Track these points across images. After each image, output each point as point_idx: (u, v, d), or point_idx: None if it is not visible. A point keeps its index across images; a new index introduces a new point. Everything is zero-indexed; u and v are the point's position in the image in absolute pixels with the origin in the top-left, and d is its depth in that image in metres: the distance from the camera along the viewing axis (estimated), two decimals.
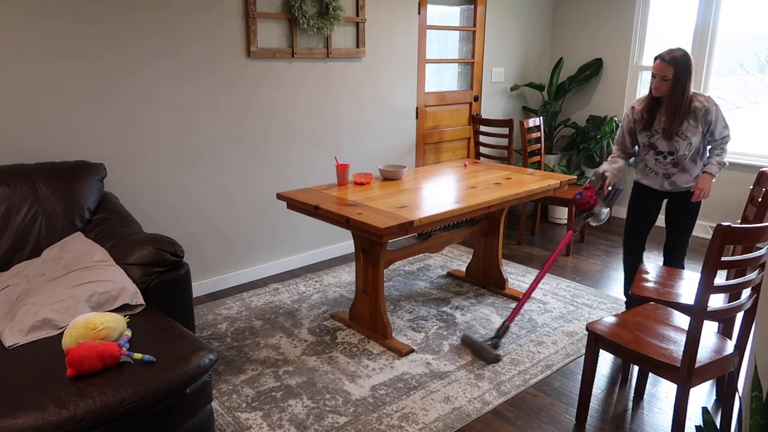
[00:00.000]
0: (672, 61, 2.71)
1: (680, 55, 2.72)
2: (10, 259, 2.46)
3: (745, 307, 2.09)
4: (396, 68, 4.27)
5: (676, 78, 2.72)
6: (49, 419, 1.58)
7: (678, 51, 2.74)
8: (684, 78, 2.72)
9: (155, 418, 1.78)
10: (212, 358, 1.92)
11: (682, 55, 2.72)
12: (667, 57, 2.72)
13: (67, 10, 2.80)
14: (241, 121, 3.54)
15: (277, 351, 2.92)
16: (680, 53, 2.73)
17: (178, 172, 3.36)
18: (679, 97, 2.75)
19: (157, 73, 3.16)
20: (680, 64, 2.71)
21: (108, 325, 1.88)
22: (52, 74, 2.82)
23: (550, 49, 5.54)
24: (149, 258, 2.29)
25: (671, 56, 2.72)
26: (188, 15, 3.20)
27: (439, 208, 2.71)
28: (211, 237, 3.57)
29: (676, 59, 2.71)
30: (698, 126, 2.80)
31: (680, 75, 2.72)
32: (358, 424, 2.36)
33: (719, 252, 1.85)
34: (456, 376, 2.71)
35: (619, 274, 3.98)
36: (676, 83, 2.73)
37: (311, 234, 4.10)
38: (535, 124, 4.61)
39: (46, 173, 2.62)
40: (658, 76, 2.75)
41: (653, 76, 2.78)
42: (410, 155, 4.57)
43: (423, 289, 3.69)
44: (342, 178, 3.16)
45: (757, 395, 1.48)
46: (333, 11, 3.67)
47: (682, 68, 2.71)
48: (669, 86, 2.75)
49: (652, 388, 2.63)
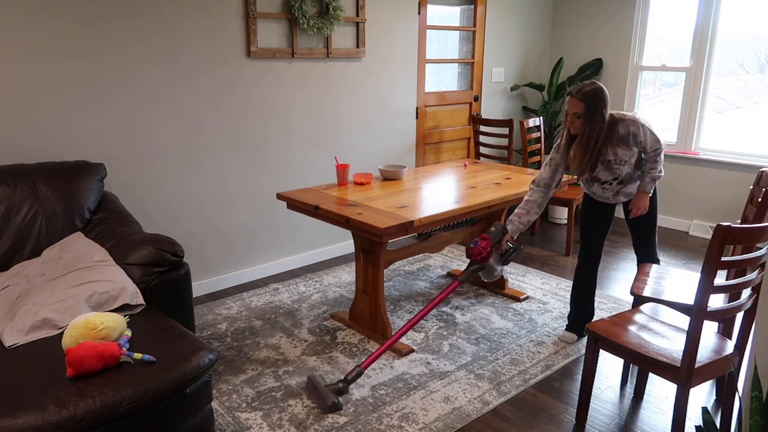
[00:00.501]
0: (583, 97, 2.60)
1: (591, 89, 2.59)
2: (10, 259, 2.46)
3: (745, 307, 2.09)
4: (396, 68, 4.27)
5: (586, 113, 2.60)
6: (49, 419, 1.58)
7: (589, 86, 2.62)
8: (593, 113, 2.59)
9: (155, 418, 1.78)
10: (212, 358, 1.92)
11: (593, 89, 2.59)
12: (577, 94, 2.61)
13: (68, 11, 2.80)
14: (241, 121, 3.55)
15: (277, 351, 2.92)
16: (591, 88, 2.61)
17: (178, 172, 3.36)
18: (591, 133, 2.61)
19: (157, 73, 3.16)
20: (590, 98, 2.58)
21: (108, 325, 1.88)
22: (52, 75, 2.82)
23: (550, 49, 5.54)
24: (149, 258, 2.29)
25: (581, 92, 2.61)
26: (188, 15, 3.20)
27: (439, 208, 2.71)
28: (211, 237, 3.57)
29: (586, 94, 2.59)
30: (632, 148, 2.71)
31: (590, 110, 2.59)
32: (358, 424, 2.36)
33: (719, 252, 1.85)
34: (456, 376, 2.71)
35: (618, 274, 3.98)
36: (586, 119, 2.61)
37: (311, 234, 4.10)
38: (535, 124, 4.61)
39: (46, 173, 2.62)
40: (570, 113, 2.65)
41: (566, 114, 2.68)
42: (410, 155, 4.57)
43: (423, 289, 3.69)
44: (342, 178, 3.16)
45: (757, 395, 1.48)
46: (333, 11, 3.67)
47: (592, 103, 2.59)
48: (581, 123, 2.64)
49: (652, 388, 2.63)
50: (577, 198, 4.31)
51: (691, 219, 4.89)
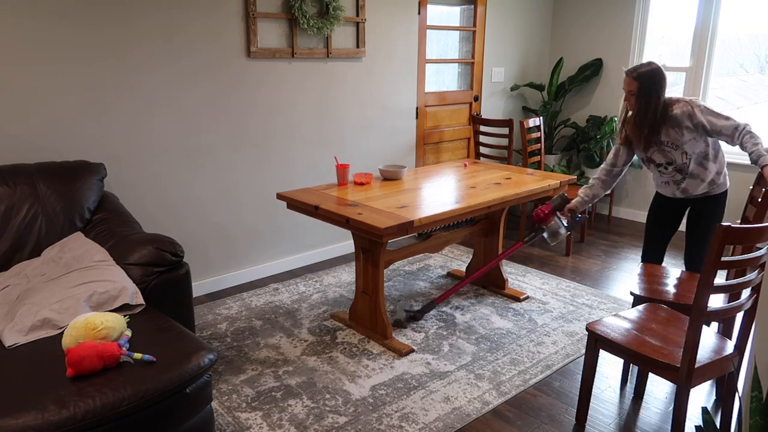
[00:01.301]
0: (637, 76, 2.71)
1: (646, 70, 2.71)
2: (10, 259, 2.46)
3: (745, 307, 2.09)
4: (396, 68, 4.27)
5: (640, 92, 2.71)
6: (49, 419, 1.58)
7: (644, 66, 2.73)
8: (647, 92, 2.70)
9: (155, 418, 1.78)
10: (212, 358, 1.92)
11: (648, 70, 2.71)
12: (631, 73, 2.73)
13: (69, 14, 2.80)
14: (241, 121, 3.55)
15: (277, 351, 2.92)
16: (646, 68, 2.71)
17: (179, 172, 3.36)
18: (643, 111, 2.73)
19: (158, 74, 3.16)
20: (644, 78, 2.69)
21: (108, 324, 1.88)
22: (53, 76, 2.82)
23: (550, 49, 5.54)
24: (149, 258, 2.29)
25: (636, 72, 2.72)
26: (188, 16, 3.20)
27: (439, 208, 2.71)
28: (211, 237, 3.57)
29: (640, 74, 2.70)
30: (686, 133, 2.72)
31: (644, 89, 2.70)
32: (358, 424, 2.36)
33: (719, 252, 1.85)
34: (456, 376, 2.71)
35: (618, 274, 3.98)
36: (639, 97, 2.72)
37: (311, 234, 4.10)
38: (535, 124, 4.61)
39: (46, 173, 2.62)
40: (625, 90, 2.77)
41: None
42: (410, 155, 4.57)
43: (423, 289, 3.69)
44: (342, 178, 3.16)
45: (757, 395, 1.48)
46: (333, 11, 3.67)
47: (645, 82, 2.69)
48: (635, 100, 2.74)
49: (652, 388, 2.63)
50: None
51: None
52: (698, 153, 2.77)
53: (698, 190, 2.84)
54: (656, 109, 2.72)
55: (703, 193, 2.86)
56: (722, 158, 2.82)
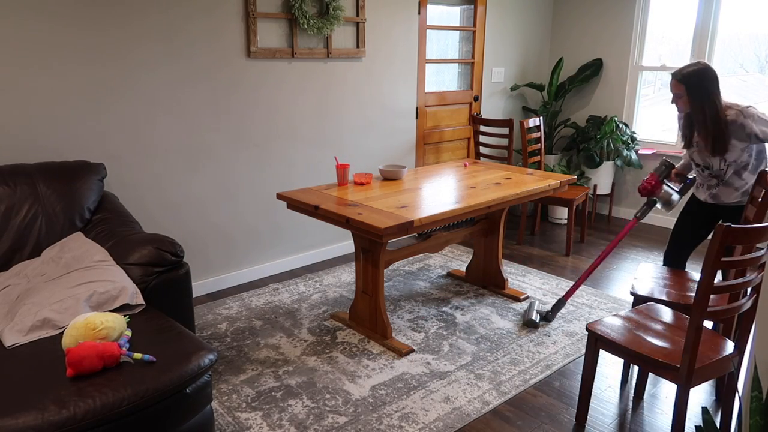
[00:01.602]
0: (681, 78, 2.65)
1: (691, 71, 2.63)
2: (10, 259, 2.46)
3: (745, 307, 2.09)
4: (396, 68, 4.27)
5: (689, 95, 2.64)
6: (49, 419, 1.58)
7: (689, 67, 2.65)
8: (697, 94, 2.62)
9: (155, 418, 1.78)
10: (212, 358, 1.92)
11: (694, 70, 2.62)
12: (677, 75, 2.66)
13: (69, 15, 2.80)
14: (241, 121, 3.55)
15: (277, 351, 2.92)
16: (690, 69, 2.63)
17: (179, 172, 3.36)
18: (700, 113, 2.65)
19: (158, 74, 3.16)
20: (690, 79, 2.62)
21: (108, 325, 1.88)
22: (53, 76, 2.82)
23: (550, 49, 5.54)
24: (149, 258, 2.29)
25: (681, 73, 2.65)
26: (188, 16, 3.20)
27: (439, 208, 2.71)
28: (211, 237, 3.57)
29: (685, 75, 2.64)
30: (734, 140, 2.64)
31: (692, 91, 2.62)
32: (358, 424, 2.36)
33: (719, 252, 1.85)
34: (456, 376, 2.71)
35: (618, 274, 3.98)
36: (691, 99, 2.65)
37: (311, 234, 4.10)
38: (535, 124, 4.61)
39: (46, 173, 2.62)
40: (673, 93, 2.71)
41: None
42: (410, 155, 4.57)
43: (423, 289, 3.69)
44: (342, 178, 3.16)
45: (757, 395, 1.48)
46: (333, 11, 3.67)
47: (693, 84, 2.61)
48: (686, 102, 2.67)
49: (652, 388, 2.63)
50: (577, 198, 4.31)
51: None
52: (739, 162, 2.69)
53: (730, 198, 2.78)
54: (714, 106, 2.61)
55: (736, 203, 2.78)
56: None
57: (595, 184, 5.12)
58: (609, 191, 5.21)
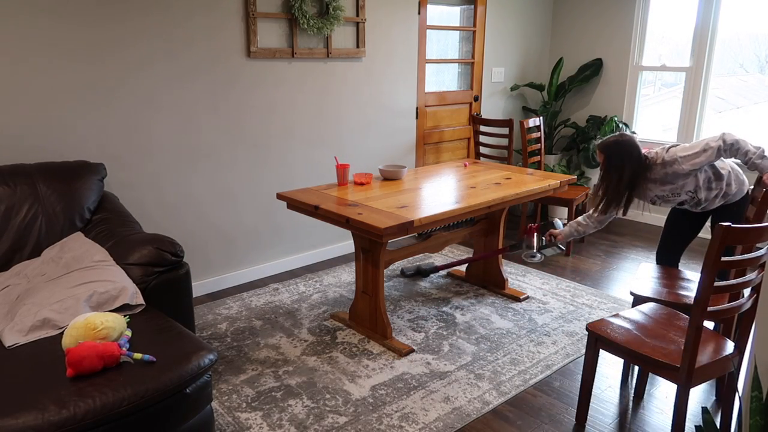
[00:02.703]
0: (603, 148, 2.71)
1: (611, 141, 2.69)
2: (10, 259, 2.46)
3: (745, 307, 2.09)
4: (396, 68, 4.27)
5: (608, 164, 2.69)
6: (49, 419, 1.58)
7: (611, 137, 2.70)
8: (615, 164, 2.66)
9: (155, 418, 1.78)
10: (212, 358, 1.92)
11: (613, 141, 2.68)
12: (600, 144, 2.72)
13: (68, 13, 2.80)
14: (241, 121, 3.55)
15: (277, 351, 2.92)
16: (612, 139, 2.69)
17: (179, 172, 3.36)
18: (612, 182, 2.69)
19: (158, 74, 3.16)
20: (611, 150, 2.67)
21: (108, 325, 1.88)
22: (52, 75, 2.82)
23: (550, 49, 5.54)
24: (149, 258, 2.29)
25: (604, 143, 2.71)
26: (189, 16, 3.20)
27: (439, 208, 2.71)
28: (211, 237, 3.57)
29: (606, 146, 2.69)
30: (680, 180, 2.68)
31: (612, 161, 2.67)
32: (358, 424, 2.36)
33: (719, 252, 1.85)
34: (456, 376, 2.71)
35: (618, 274, 3.98)
36: (607, 169, 2.70)
37: (311, 234, 4.10)
38: (535, 124, 4.61)
39: (46, 173, 2.62)
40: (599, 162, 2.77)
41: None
42: (410, 155, 4.57)
43: (423, 289, 3.69)
44: (342, 178, 3.16)
45: (757, 395, 1.48)
46: (333, 11, 3.67)
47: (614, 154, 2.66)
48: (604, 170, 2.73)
49: (652, 388, 2.63)
50: (577, 198, 4.31)
51: None
52: (704, 181, 2.71)
53: (714, 204, 2.81)
54: (623, 180, 2.67)
55: (720, 205, 2.81)
56: (729, 172, 2.74)
57: (595, 184, 5.11)
58: None
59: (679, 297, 2.53)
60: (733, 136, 2.60)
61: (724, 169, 2.74)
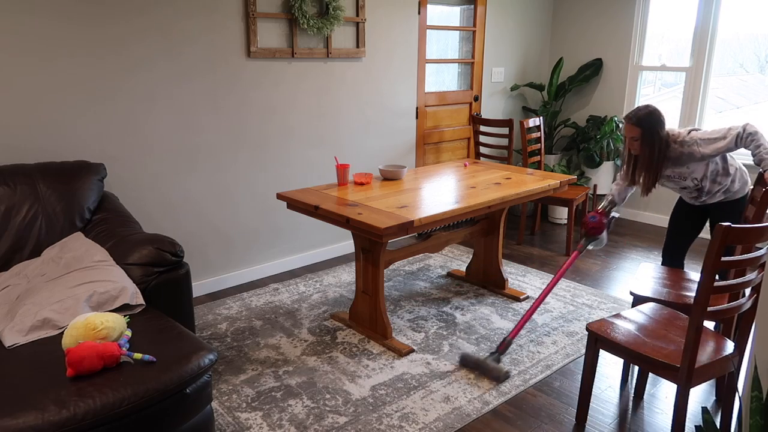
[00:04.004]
0: (637, 121, 2.71)
1: (644, 114, 2.71)
2: (10, 259, 2.46)
3: (745, 307, 2.09)
4: (396, 68, 4.27)
5: (644, 137, 2.72)
6: (49, 419, 1.58)
7: (641, 110, 2.72)
8: (651, 137, 2.71)
9: (155, 418, 1.78)
10: (212, 358, 1.92)
11: (647, 113, 2.71)
12: (631, 119, 2.73)
13: (67, 12, 2.80)
14: (241, 121, 3.55)
15: (277, 351, 2.92)
16: (644, 112, 2.71)
17: (179, 172, 3.36)
18: (648, 155, 2.74)
19: (158, 74, 3.16)
20: (645, 123, 2.70)
21: (108, 325, 1.88)
22: (52, 75, 2.82)
23: (550, 49, 5.54)
24: (149, 258, 2.29)
25: (636, 117, 2.72)
26: (188, 15, 3.20)
27: (439, 208, 2.71)
28: (211, 237, 3.57)
29: (640, 119, 2.71)
30: (691, 165, 2.75)
31: (646, 134, 2.71)
32: (358, 424, 2.36)
33: (719, 252, 1.85)
34: (456, 376, 2.71)
35: (618, 274, 3.98)
36: (644, 143, 2.73)
37: (311, 234, 4.10)
38: (535, 124, 4.61)
39: (46, 173, 2.62)
40: (627, 137, 2.77)
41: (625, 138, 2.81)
42: (410, 155, 4.57)
43: (423, 289, 3.69)
44: (342, 178, 3.16)
45: (757, 395, 1.48)
46: (333, 11, 3.67)
47: (647, 127, 2.70)
48: (639, 145, 2.75)
49: (652, 388, 2.64)
50: (577, 198, 4.31)
51: None
52: (711, 172, 2.78)
53: (714, 199, 2.87)
54: (661, 151, 2.73)
55: (719, 201, 2.86)
56: (737, 170, 2.80)
57: (595, 184, 5.11)
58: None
59: (679, 297, 2.53)
60: (754, 128, 2.64)
61: (732, 166, 2.80)
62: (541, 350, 2.94)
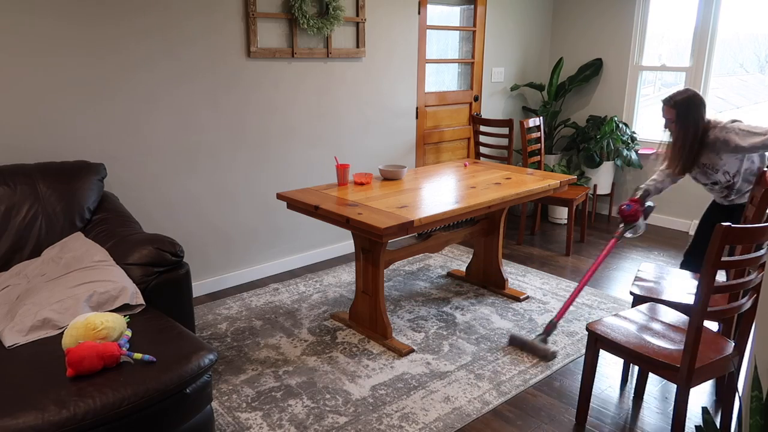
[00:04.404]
0: (673, 104, 2.77)
1: (681, 98, 2.76)
2: (10, 259, 2.46)
3: (745, 307, 2.09)
4: (396, 68, 4.27)
5: (678, 119, 2.76)
6: (49, 419, 1.58)
7: (680, 94, 2.78)
8: (685, 119, 2.75)
9: (155, 418, 1.78)
10: (212, 358, 1.92)
11: (684, 97, 2.76)
12: (668, 102, 2.79)
13: (68, 12, 2.80)
14: (241, 121, 3.55)
15: (277, 351, 2.92)
16: (681, 96, 2.77)
17: (179, 172, 3.36)
18: (682, 138, 2.79)
19: (158, 74, 3.16)
20: (680, 106, 2.75)
21: (108, 325, 1.88)
22: (52, 75, 2.82)
23: (550, 49, 5.54)
24: (149, 258, 2.29)
25: (672, 100, 2.78)
26: (188, 15, 3.20)
27: (439, 208, 2.71)
28: (211, 237, 3.57)
29: (676, 102, 2.76)
30: (725, 156, 2.76)
31: (681, 116, 2.75)
32: (358, 424, 2.36)
33: (719, 252, 1.85)
34: (456, 376, 2.71)
35: (618, 274, 3.98)
36: (679, 125, 2.78)
37: (311, 234, 4.10)
38: (535, 124, 4.61)
39: (46, 173, 2.62)
40: (666, 118, 2.83)
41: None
42: (410, 155, 4.57)
43: (423, 289, 3.69)
44: (342, 178, 3.16)
45: (757, 395, 1.48)
46: (333, 11, 3.67)
47: (682, 110, 2.74)
48: (674, 127, 2.81)
49: (652, 388, 2.64)
50: (577, 198, 4.31)
51: (691, 219, 4.89)
52: (746, 170, 2.79)
53: (743, 199, 2.88)
54: (696, 134, 2.76)
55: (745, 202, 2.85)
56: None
57: (595, 184, 5.12)
58: (609, 191, 5.22)
59: (679, 297, 2.53)
60: None
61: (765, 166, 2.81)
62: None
